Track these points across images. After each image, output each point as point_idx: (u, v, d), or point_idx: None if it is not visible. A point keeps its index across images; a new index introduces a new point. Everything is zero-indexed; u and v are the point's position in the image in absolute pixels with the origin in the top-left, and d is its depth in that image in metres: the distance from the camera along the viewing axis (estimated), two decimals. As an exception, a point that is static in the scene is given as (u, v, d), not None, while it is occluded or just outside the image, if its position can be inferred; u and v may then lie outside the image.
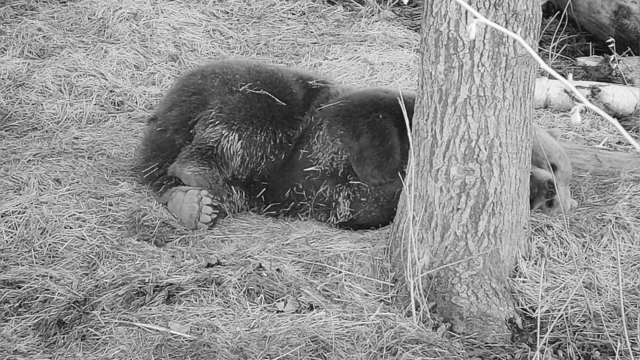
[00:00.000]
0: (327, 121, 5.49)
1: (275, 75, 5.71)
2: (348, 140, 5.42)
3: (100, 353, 4.40)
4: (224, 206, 5.49)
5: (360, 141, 5.37)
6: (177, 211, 5.42)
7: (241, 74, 5.71)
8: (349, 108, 5.46)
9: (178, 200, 5.43)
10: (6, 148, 6.06)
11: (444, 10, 4.53)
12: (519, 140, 4.69)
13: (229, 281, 4.72)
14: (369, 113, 5.40)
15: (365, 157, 5.35)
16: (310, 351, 4.38)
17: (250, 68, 5.77)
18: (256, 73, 5.72)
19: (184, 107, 5.70)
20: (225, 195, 5.50)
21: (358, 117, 5.41)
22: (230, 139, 5.52)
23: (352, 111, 5.45)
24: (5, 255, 5.06)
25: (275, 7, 8.15)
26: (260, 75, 5.69)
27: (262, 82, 5.65)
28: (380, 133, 5.35)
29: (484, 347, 4.57)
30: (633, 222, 5.12)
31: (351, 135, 5.42)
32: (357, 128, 5.39)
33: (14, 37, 7.31)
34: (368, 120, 5.38)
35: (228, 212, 5.52)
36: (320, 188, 5.43)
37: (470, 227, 4.72)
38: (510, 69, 4.57)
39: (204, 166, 5.47)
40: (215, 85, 5.68)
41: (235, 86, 5.64)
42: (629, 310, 4.70)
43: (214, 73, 5.78)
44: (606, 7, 7.91)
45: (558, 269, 4.92)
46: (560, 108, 7.00)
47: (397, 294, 4.77)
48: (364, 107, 5.44)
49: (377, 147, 5.33)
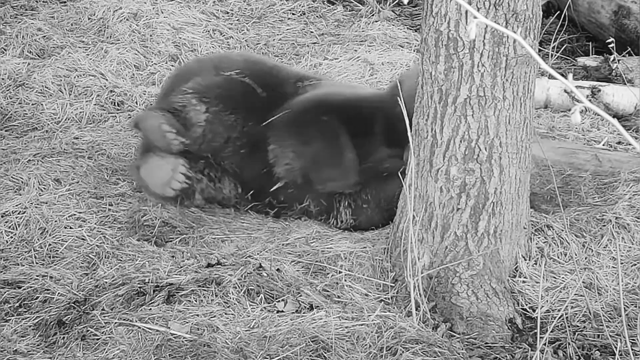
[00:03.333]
0: (274, 135, 5.43)
1: (272, 71, 5.70)
2: (299, 149, 5.38)
3: (100, 353, 4.40)
4: (197, 186, 5.46)
5: (310, 147, 5.34)
6: (149, 175, 5.35)
7: (234, 62, 5.72)
8: (293, 117, 5.42)
9: (152, 164, 5.38)
10: (6, 148, 6.06)
11: (444, 10, 4.53)
12: (519, 140, 4.69)
13: (229, 281, 4.72)
14: (313, 118, 5.37)
15: (319, 161, 5.33)
16: (310, 351, 4.38)
17: (247, 59, 5.79)
18: (251, 63, 5.71)
19: (168, 82, 5.81)
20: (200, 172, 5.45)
21: (303, 124, 5.38)
22: (197, 109, 5.48)
23: (296, 120, 5.41)
24: (5, 255, 5.06)
25: (275, 7, 8.15)
26: (254, 66, 5.68)
27: (252, 73, 5.62)
28: (329, 135, 5.32)
29: (484, 347, 4.57)
30: (633, 222, 5.12)
31: (300, 143, 5.38)
32: (304, 135, 5.35)
33: (14, 37, 7.31)
34: (314, 125, 5.35)
35: (199, 194, 5.48)
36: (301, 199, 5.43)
37: (470, 227, 4.72)
38: (510, 69, 4.57)
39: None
40: (205, 68, 5.72)
41: (223, 70, 5.64)
42: (629, 310, 4.70)
43: (209, 60, 5.87)
44: (606, 7, 7.90)
45: (558, 269, 4.92)
46: (560, 108, 6.99)
47: (397, 294, 4.78)
48: (307, 113, 5.39)
49: (328, 150, 5.30)
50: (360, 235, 5.24)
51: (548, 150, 5.75)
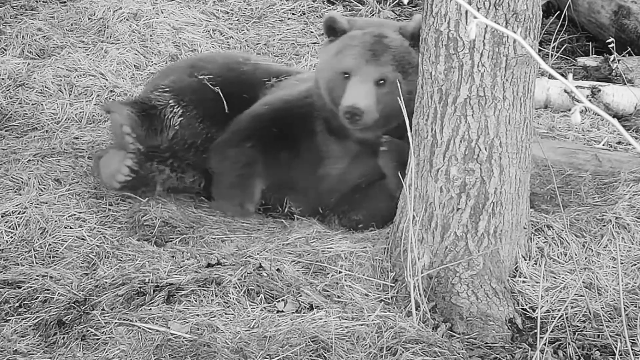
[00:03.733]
0: (210, 152, 5.54)
1: (242, 76, 5.77)
2: (215, 169, 5.47)
3: (100, 353, 4.40)
4: (158, 178, 5.56)
5: (219, 168, 5.40)
6: (104, 166, 5.50)
7: (211, 65, 5.82)
8: (224, 138, 5.50)
9: (109, 155, 5.52)
10: (6, 148, 6.06)
11: (444, 10, 4.53)
12: (519, 140, 4.69)
13: (229, 281, 4.72)
14: (239, 142, 5.41)
15: (219, 184, 5.37)
16: (310, 351, 4.38)
17: (222, 64, 5.86)
18: (225, 69, 5.79)
19: (149, 82, 5.99)
20: (154, 166, 5.56)
21: (227, 146, 5.42)
22: (174, 110, 5.63)
23: (225, 141, 5.47)
24: (5, 255, 5.06)
25: (275, 7, 8.15)
26: (228, 73, 5.77)
27: (224, 80, 5.72)
28: (241, 165, 5.35)
29: (484, 347, 4.57)
30: (633, 222, 5.12)
31: (216, 164, 5.44)
32: (223, 157, 5.40)
33: (14, 37, 7.31)
34: (235, 149, 5.38)
35: (160, 185, 5.57)
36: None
37: (470, 227, 4.72)
38: (510, 69, 4.57)
39: (138, 117, 5.55)
40: (181, 67, 5.90)
41: (197, 72, 5.76)
42: (629, 310, 4.70)
43: (190, 60, 6.13)
44: (606, 7, 7.91)
45: (558, 269, 4.92)
46: (560, 108, 6.99)
47: (397, 294, 4.78)
48: (235, 135, 5.44)
49: (231, 178, 5.33)
50: (360, 235, 5.24)
51: (548, 150, 5.75)
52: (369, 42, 5.19)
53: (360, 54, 5.16)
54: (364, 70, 5.13)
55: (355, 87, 5.12)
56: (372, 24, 5.34)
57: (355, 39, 5.22)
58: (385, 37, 5.20)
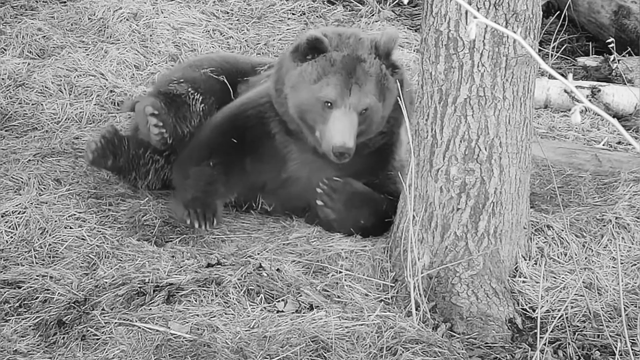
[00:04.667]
0: (173, 168, 5.58)
1: (238, 64, 5.96)
2: (177, 178, 5.45)
3: (100, 353, 4.40)
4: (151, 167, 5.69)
5: (184, 182, 5.35)
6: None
7: (208, 62, 6.01)
8: (185, 155, 5.50)
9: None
10: (6, 148, 6.06)
11: (444, 10, 4.53)
12: (519, 140, 4.69)
13: (229, 281, 4.72)
14: (199, 160, 5.39)
15: (181, 196, 5.31)
16: (310, 351, 4.38)
17: (217, 58, 6.07)
18: (222, 62, 5.98)
19: (158, 82, 6.12)
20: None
21: (189, 164, 5.40)
22: (196, 97, 5.73)
23: (187, 158, 5.47)
24: (5, 255, 5.06)
25: (275, 7, 8.15)
26: (225, 64, 5.94)
27: (224, 70, 5.88)
28: (203, 184, 5.31)
29: (484, 347, 4.57)
30: (633, 222, 5.12)
31: (181, 174, 5.43)
32: (184, 175, 5.38)
33: (14, 37, 7.31)
34: (196, 168, 5.36)
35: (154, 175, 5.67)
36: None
37: (470, 227, 4.72)
38: (510, 69, 4.58)
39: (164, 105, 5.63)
40: (184, 67, 6.06)
41: (200, 68, 5.92)
42: (629, 310, 4.70)
43: (190, 60, 6.42)
44: (606, 7, 7.91)
45: (558, 269, 4.92)
46: (560, 108, 7.00)
47: (397, 294, 4.78)
48: (196, 151, 5.44)
49: (195, 192, 5.27)
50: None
51: (548, 150, 5.76)
52: (351, 68, 5.11)
53: (343, 83, 5.09)
54: (348, 101, 5.07)
55: (341, 122, 5.05)
56: (345, 43, 5.19)
57: (336, 63, 5.13)
58: (364, 62, 5.13)
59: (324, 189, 5.18)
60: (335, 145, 5.01)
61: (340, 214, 5.16)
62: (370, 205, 5.19)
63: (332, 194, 5.18)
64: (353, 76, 5.09)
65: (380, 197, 5.21)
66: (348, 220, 5.14)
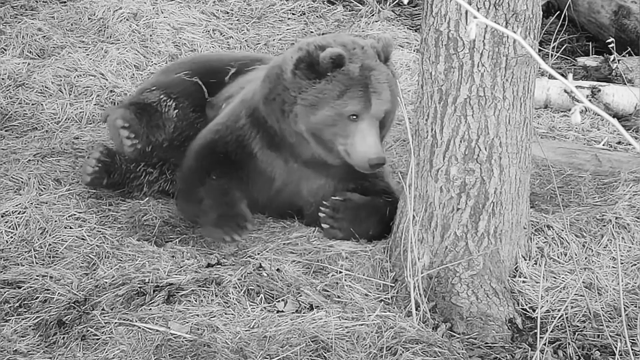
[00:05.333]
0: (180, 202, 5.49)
1: (212, 64, 5.97)
2: (190, 209, 5.37)
3: (100, 353, 4.40)
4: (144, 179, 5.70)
5: (201, 207, 5.26)
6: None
7: (179, 65, 6.07)
8: (183, 188, 5.43)
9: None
10: (6, 148, 6.06)
11: (444, 10, 4.53)
12: (519, 140, 4.70)
13: (229, 281, 4.72)
14: (203, 179, 5.32)
15: (208, 219, 5.22)
16: (310, 351, 4.38)
17: (192, 60, 6.14)
18: (196, 64, 6.00)
19: (133, 94, 6.15)
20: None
21: (195, 188, 5.33)
22: (168, 104, 5.75)
23: (189, 186, 5.38)
24: (5, 255, 5.06)
25: (275, 7, 8.15)
26: (199, 66, 5.96)
27: (194, 71, 5.90)
28: (219, 194, 5.25)
29: (484, 347, 4.57)
30: (633, 222, 5.12)
31: (192, 203, 5.34)
32: (195, 197, 5.31)
33: (14, 37, 7.31)
34: (204, 187, 5.29)
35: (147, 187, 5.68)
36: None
37: (470, 227, 4.72)
38: (510, 69, 4.58)
39: (135, 116, 5.65)
40: (157, 74, 6.14)
41: (172, 73, 5.95)
42: (629, 310, 4.70)
43: (164, 66, 6.45)
44: (606, 7, 7.91)
45: (558, 269, 4.92)
46: (560, 108, 7.00)
47: (397, 294, 4.78)
48: (195, 174, 5.36)
49: (217, 209, 5.21)
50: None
51: (548, 150, 5.76)
52: (368, 79, 5.09)
53: (365, 94, 5.06)
54: (372, 112, 5.07)
55: (370, 133, 5.06)
56: (354, 54, 5.13)
57: (355, 76, 5.08)
58: (375, 70, 5.12)
59: (326, 211, 5.17)
60: (372, 158, 5.02)
61: (347, 231, 5.14)
62: (375, 215, 5.18)
63: (336, 214, 5.17)
64: (370, 86, 5.08)
65: (380, 202, 5.20)
66: (356, 234, 5.14)
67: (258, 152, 5.32)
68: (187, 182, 5.41)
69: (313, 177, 5.29)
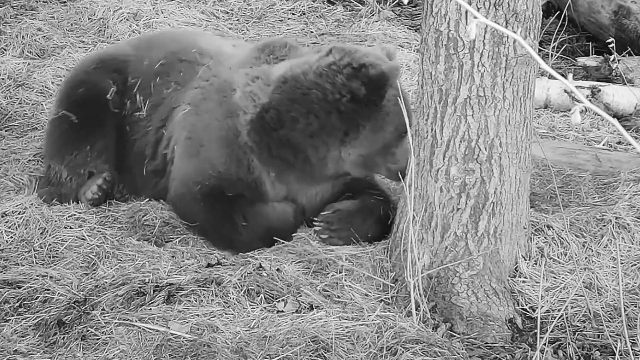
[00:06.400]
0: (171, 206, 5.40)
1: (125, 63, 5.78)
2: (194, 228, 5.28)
3: (100, 353, 4.40)
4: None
5: (205, 225, 5.21)
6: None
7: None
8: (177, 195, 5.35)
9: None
10: (6, 148, 6.06)
11: (444, 10, 4.53)
12: (519, 140, 4.70)
13: (229, 281, 4.72)
14: (203, 199, 5.23)
15: (214, 237, 5.19)
16: (310, 351, 4.38)
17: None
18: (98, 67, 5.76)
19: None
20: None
21: (192, 203, 5.27)
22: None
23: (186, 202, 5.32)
24: (5, 255, 5.06)
25: (275, 7, 8.15)
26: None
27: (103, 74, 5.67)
28: (220, 214, 5.18)
29: (484, 347, 4.57)
30: (633, 222, 5.12)
31: (195, 219, 5.26)
32: (196, 214, 5.24)
33: (14, 37, 7.31)
34: (202, 205, 5.23)
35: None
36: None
37: (470, 227, 4.72)
38: (510, 69, 4.58)
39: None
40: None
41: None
42: (629, 310, 4.70)
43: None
44: (606, 7, 7.91)
45: (558, 269, 4.92)
46: (560, 108, 7.00)
47: (397, 294, 4.78)
48: (191, 192, 5.26)
49: (222, 226, 5.17)
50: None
51: (548, 150, 5.76)
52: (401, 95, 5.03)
53: (405, 110, 4.93)
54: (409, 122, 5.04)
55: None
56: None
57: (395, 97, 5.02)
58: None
59: (320, 225, 5.17)
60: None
61: (347, 238, 5.14)
62: (370, 217, 5.18)
63: (331, 227, 5.17)
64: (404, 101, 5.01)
65: (372, 203, 5.19)
66: (356, 239, 5.13)
67: (256, 170, 5.21)
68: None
69: (306, 182, 5.27)
